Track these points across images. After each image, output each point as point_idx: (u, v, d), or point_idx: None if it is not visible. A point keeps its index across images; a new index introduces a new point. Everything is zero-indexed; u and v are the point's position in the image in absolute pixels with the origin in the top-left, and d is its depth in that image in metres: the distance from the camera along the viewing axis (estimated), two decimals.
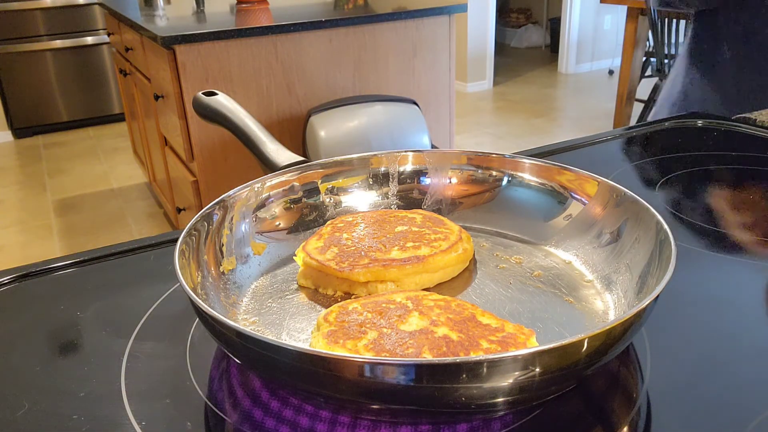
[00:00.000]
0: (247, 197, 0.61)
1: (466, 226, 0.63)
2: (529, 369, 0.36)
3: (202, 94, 0.72)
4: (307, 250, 0.57)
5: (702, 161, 0.89)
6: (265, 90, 2.23)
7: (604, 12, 5.54)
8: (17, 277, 0.61)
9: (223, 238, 0.57)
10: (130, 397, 0.45)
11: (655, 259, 0.49)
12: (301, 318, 0.52)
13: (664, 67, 3.26)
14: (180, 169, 2.31)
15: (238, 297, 0.54)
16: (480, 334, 0.43)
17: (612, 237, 0.57)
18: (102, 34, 4.27)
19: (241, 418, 0.43)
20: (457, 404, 0.37)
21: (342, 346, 0.42)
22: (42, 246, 2.88)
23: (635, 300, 0.48)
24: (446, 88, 2.67)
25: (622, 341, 0.41)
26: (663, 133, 0.99)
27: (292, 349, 0.37)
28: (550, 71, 5.81)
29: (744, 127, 0.98)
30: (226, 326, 0.40)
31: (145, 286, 0.59)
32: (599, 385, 0.45)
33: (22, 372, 0.49)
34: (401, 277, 0.54)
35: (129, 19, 2.37)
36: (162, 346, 0.51)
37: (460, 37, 5.02)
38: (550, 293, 0.54)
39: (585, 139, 0.95)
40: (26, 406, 0.44)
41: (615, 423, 0.42)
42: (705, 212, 0.72)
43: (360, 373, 0.36)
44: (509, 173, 0.66)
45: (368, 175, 0.69)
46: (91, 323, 0.54)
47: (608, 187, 0.59)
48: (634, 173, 0.84)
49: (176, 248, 0.48)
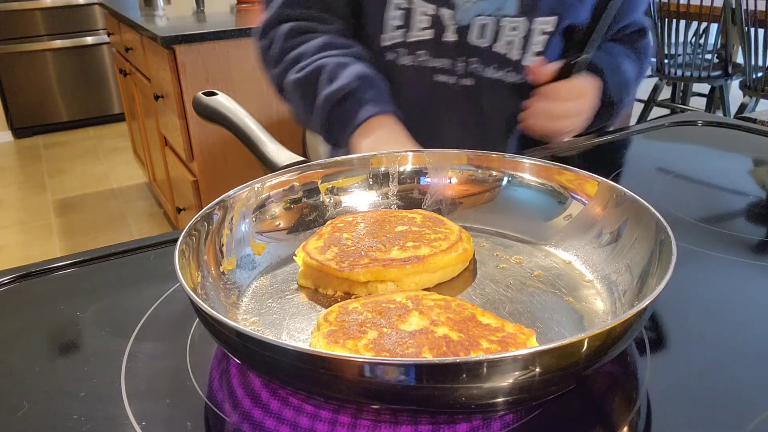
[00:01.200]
0: (247, 197, 0.61)
1: (466, 226, 0.63)
2: (529, 369, 0.36)
3: (202, 94, 0.73)
4: (307, 250, 0.57)
5: (702, 161, 0.89)
6: (265, 90, 2.22)
7: None
8: (17, 277, 0.61)
9: (223, 238, 0.57)
10: (130, 397, 0.45)
11: (655, 259, 0.49)
12: (301, 318, 0.52)
13: (665, 67, 3.26)
14: (180, 169, 2.31)
15: (238, 297, 0.54)
16: (480, 334, 0.43)
17: (612, 237, 0.57)
18: (102, 34, 4.27)
19: (241, 418, 0.43)
20: (457, 404, 0.37)
21: (342, 346, 0.42)
22: (42, 246, 2.88)
23: (635, 300, 0.48)
24: None
25: (622, 341, 0.40)
26: (663, 133, 0.99)
27: (292, 349, 0.37)
28: None
29: (744, 127, 0.98)
30: (226, 326, 0.40)
31: (145, 286, 0.59)
32: (599, 385, 0.45)
33: (22, 372, 0.49)
34: (401, 277, 0.54)
35: (129, 19, 2.37)
36: (162, 346, 0.51)
37: None
38: (550, 293, 0.54)
39: (585, 139, 0.95)
40: (26, 406, 0.44)
41: (615, 423, 0.42)
42: (705, 212, 0.72)
43: (360, 373, 0.36)
44: (509, 173, 0.66)
45: (368, 175, 0.69)
46: (91, 323, 0.54)
47: (608, 187, 0.59)
48: (634, 173, 0.84)
49: (176, 248, 0.48)
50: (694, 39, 3.21)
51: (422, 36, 0.80)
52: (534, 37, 0.82)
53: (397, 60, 0.82)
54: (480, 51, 0.82)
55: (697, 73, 3.19)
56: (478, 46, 0.82)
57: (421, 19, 0.79)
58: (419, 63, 0.82)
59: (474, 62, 0.83)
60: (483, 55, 0.82)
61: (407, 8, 0.78)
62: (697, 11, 3.05)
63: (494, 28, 0.81)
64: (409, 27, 0.79)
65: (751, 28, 2.85)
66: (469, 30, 0.80)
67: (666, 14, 3.15)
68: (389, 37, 0.80)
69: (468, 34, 0.81)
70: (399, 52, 0.81)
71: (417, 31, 0.79)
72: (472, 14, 0.80)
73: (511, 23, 0.80)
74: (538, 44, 0.82)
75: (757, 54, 2.88)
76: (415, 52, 0.81)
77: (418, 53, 0.81)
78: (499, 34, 0.81)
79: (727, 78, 3.22)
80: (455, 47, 0.82)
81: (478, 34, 0.81)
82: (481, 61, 0.83)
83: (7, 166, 3.92)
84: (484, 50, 0.82)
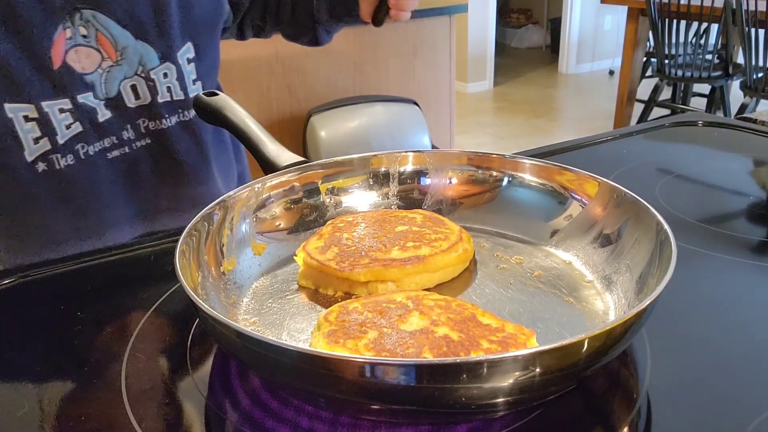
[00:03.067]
0: (247, 197, 0.61)
1: (467, 227, 0.63)
2: (530, 369, 0.35)
3: (203, 94, 0.73)
4: (308, 250, 0.57)
5: (702, 161, 0.89)
6: (266, 90, 2.23)
7: (605, 12, 5.54)
8: (17, 277, 0.61)
9: (224, 239, 0.57)
10: (130, 397, 0.45)
11: (655, 260, 0.49)
12: (301, 318, 0.52)
13: (665, 68, 3.26)
14: None
15: (238, 297, 0.54)
16: (480, 334, 0.43)
17: (612, 237, 0.57)
18: None
19: (241, 418, 0.43)
20: (457, 405, 0.37)
21: (342, 346, 0.42)
22: None
23: (635, 300, 0.48)
24: (446, 88, 2.67)
25: (622, 342, 0.40)
26: (663, 134, 0.99)
27: (292, 350, 0.37)
28: (550, 71, 5.81)
29: (744, 127, 0.98)
30: (226, 326, 0.40)
31: (145, 286, 0.59)
32: (599, 385, 0.45)
33: (22, 372, 0.49)
34: (401, 277, 0.54)
35: None
36: (162, 346, 0.51)
37: (460, 37, 5.01)
38: (551, 294, 0.54)
39: (585, 140, 0.95)
40: (26, 406, 0.44)
41: (615, 423, 0.42)
42: (705, 212, 0.72)
43: (360, 374, 0.36)
44: (509, 173, 0.66)
45: (368, 176, 0.69)
46: (91, 323, 0.54)
47: (608, 187, 0.59)
48: (634, 173, 0.84)
49: (176, 248, 0.48)
50: (695, 39, 3.21)
51: (73, 131, 0.74)
52: (185, 73, 0.81)
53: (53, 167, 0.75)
54: (144, 109, 0.79)
55: (698, 73, 3.19)
56: (139, 105, 0.79)
57: (61, 118, 0.73)
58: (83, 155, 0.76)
59: (143, 123, 0.80)
60: (150, 112, 0.80)
61: (38, 117, 0.72)
62: (697, 11, 3.05)
63: (147, 84, 0.78)
64: (51, 133, 0.73)
65: (752, 29, 2.85)
66: (121, 98, 0.77)
67: (666, 14, 3.15)
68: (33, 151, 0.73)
69: (123, 101, 0.77)
70: (51, 159, 0.74)
71: (63, 131, 0.73)
72: (116, 82, 0.76)
73: (160, 72, 0.79)
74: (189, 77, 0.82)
75: (757, 54, 2.88)
76: (73, 148, 0.75)
77: (76, 148, 0.75)
78: (155, 87, 0.79)
79: (727, 78, 3.23)
80: (115, 121, 0.78)
81: (134, 97, 0.78)
82: (150, 118, 0.80)
83: None
84: (148, 107, 0.80)
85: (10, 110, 0.71)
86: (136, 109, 0.79)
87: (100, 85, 0.75)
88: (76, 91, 0.74)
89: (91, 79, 0.75)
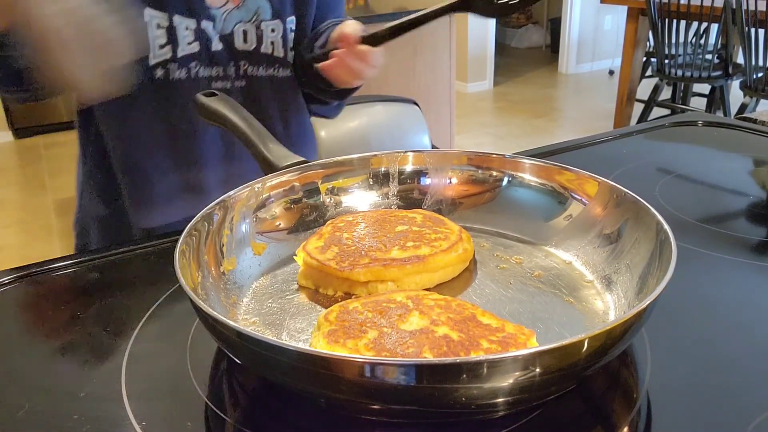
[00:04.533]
0: (247, 197, 0.61)
1: (467, 226, 0.63)
2: (530, 369, 0.36)
3: (202, 94, 0.73)
4: (308, 250, 0.57)
5: (702, 161, 0.89)
6: None
7: (605, 12, 5.54)
8: (17, 277, 0.61)
9: (224, 239, 0.57)
10: (130, 397, 0.45)
11: (655, 260, 0.49)
12: (301, 318, 0.52)
13: (665, 68, 3.26)
14: None
15: (238, 297, 0.54)
16: (480, 334, 0.43)
17: (612, 237, 0.57)
18: None
19: (241, 418, 0.43)
20: (457, 405, 0.37)
21: (342, 346, 0.42)
22: (42, 246, 2.88)
23: (635, 300, 0.48)
24: (446, 88, 2.67)
25: (622, 342, 0.41)
26: (663, 133, 0.99)
27: (292, 350, 0.37)
28: (550, 71, 5.80)
29: (744, 127, 0.98)
30: (226, 326, 0.40)
31: (145, 286, 0.59)
32: (599, 385, 0.45)
33: (22, 372, 0.49)
34: (401, 277, 0.54)
35: None
36: (162, 346, 0.51)
37: (460, 37, 5.01)
38: (551, 294, 0.54)
39: (585, 140, 0.95)
40: (26, 406, 0.44)
41: (615, 423, 0.42)
42: (705, 212, 0.72)
43: (360, 374, 0.36)
44: (509, 173, 0.66)
45: (368, 176, 0.69)
46: (91, 323, 0.54)
47: (608, 187, 0.59)
48: (634, 173, 0.84)
49: (176, 248, 0.48)
50: (695, 39, 3.21)
51: (191, 50, 0.85)
52: (288, 35, 0.92)
53: (168, 76, 0.85)
54: (248, 54, 0.90)
55: (698, 73, 3.19)
56: (245, 50, 0.89)
57: (185, 34, 0.84)
58: (193, 75, 0.87)
59: (244, 65, 0.90)
60: (251, 57, 0.90)
61: (168, 26, 0.83)
62: (697, 11, 3.05)
63: (256, 33, 0.89)
64: (174, 43, 0.84)
65: (752, 29, 2.85)
66: (233, 37, 0.88)
67: (666, 14, 3.15)
68: (157, 55, 0.84)
69: (233, 41, 0.88)
70: (170, 68, 0.85)
71: (184, 45, 0.84)
72: (233, 23, 0.87)
73: (269, 26, 0.90)
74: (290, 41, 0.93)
75: (757, 54, 2.88)
76: (187, 65, 0.86)
77: (190, 66, 0.86)
78: (261, 38, 0.90)
79: (727, 78, 3.23)
80: (224, 54, 0.88)
81: (242, 40, 0.89)
82: (251, 63, 0.91)
83: (7, 166, 3.92)
84: (251, 53, 0.90)
85: (147, 14, 0.82)
86: (242, 52, 0.89)
87: (220, 20, 0.87)
88: (202, 17, 0.85)
89: (215, 13, 0.86)
